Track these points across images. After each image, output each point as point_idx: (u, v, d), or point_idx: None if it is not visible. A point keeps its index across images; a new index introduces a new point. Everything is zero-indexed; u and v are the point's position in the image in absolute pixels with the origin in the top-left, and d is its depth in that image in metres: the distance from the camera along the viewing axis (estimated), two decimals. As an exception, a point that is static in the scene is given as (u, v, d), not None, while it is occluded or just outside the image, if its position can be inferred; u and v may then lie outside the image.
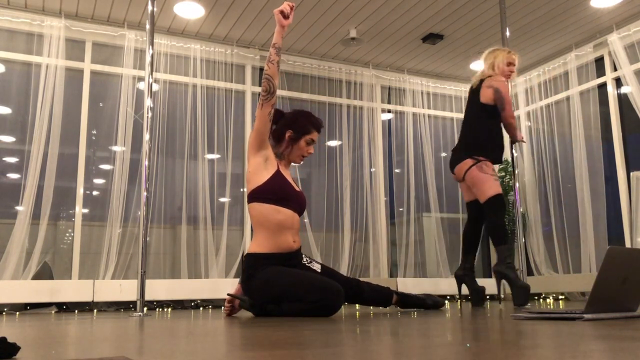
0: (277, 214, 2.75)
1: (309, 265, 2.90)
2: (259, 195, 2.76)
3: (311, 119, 2.95)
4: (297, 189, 2.89)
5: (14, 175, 4.93)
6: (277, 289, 2.61)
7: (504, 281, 3.54)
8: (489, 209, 3.53)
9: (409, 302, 3.15)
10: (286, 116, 2.98)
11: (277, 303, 2.63)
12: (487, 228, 3.62)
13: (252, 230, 5.51)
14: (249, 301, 2.86)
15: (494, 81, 3.64)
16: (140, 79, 5.31)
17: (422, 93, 6.55)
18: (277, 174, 2.79)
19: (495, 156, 3.67)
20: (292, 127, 2.91)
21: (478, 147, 3.62)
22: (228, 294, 3.02)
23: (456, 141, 3.88)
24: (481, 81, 3.72)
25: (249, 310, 2.95)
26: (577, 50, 5.85)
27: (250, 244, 2.85)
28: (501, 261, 3.48)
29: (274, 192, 2.75)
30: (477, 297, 3.68)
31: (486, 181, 3.52)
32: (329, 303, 2.56)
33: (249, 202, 2.82)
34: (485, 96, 3.66)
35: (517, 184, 4.14)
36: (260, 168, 2.77)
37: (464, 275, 3.75)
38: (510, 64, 3.74)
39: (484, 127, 3.67)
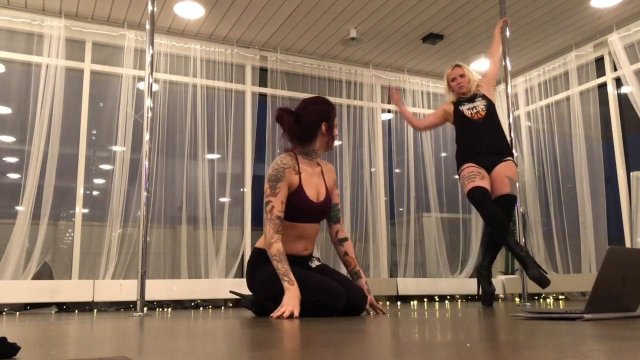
0: (293, 229, 2.72)
1: (309, 264, 2.88)
2: None
3: (330, 103, 2.89)
4: (318, 200, 2.79)
5: (14, 175, 4.93)
6: (278, 287, 2.59)
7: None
8: None
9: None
10: (307, 112, 2.81)
11: (277, 302, 2.61)
12: None
13: (252, 229, 5.54)
14: (250, 299, 2.86)
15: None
16: (140, 79, 5.31)
17: (422, 93, 6.56)
18: (297, 192, 2.72)
19: (463, 157, 3.82)
20: (324, 119, 2.81)
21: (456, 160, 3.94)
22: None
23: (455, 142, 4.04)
24: None
25: (249, 309, 2.96)
26: (577, 50, 5.85)
27: (260, 238, 2.83)
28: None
29: (292, 210, 2.70)
30: (486, 297, 3.71)
31: (463, 186, 3.78)
32: (329, 304, 2.56)
33: None
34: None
35: (517, 184, 4.14)
36: None
37: (479, 274, 3.78)
38: (453, 79, 3.93)
39: (458, 142, 3.94)
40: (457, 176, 4.09)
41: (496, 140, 3.79)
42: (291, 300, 2.46)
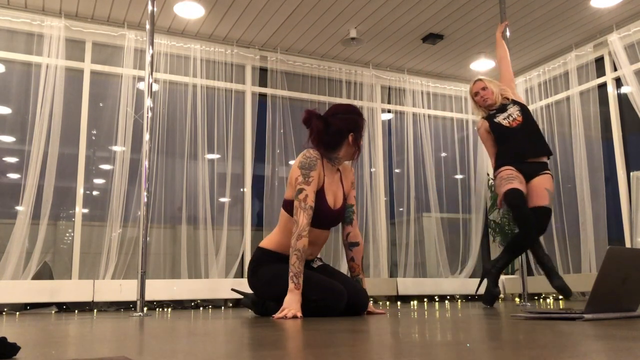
0: None
1: (312, 264, 2.88)
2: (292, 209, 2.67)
3: (360, 113, 2.81)
4: (335, 207, 2.74)
5: (14, 175, 4.93)
6: (282, 287, 2.58)
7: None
8: None
9: None
10: (336, 119, 2.73)
11: (280, 302, 2.61)
12: None
13: (252, 229, 5.54)
14: (251, 297, 2.86)
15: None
16: (140, 79, 5.31)
17: (422, 93, 6.55)
18: (318, 194, 2.66)
19: (503, 162, 3.78)
20: (352, 129, 2.73)
21: (494, 165, 3.90)
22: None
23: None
24: None
25: (250, 308, 2.96)
26: (577, 50, 5.85)
27: (265, 238, 2.83)
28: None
29: None
30: (489, 297, 3.71)
31: (498, 186, 3.76)
32: (330, 304, 2.56)
33: (283, 206, 2.74)
34: None
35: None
36: None
37: (487, 274, 3.77)
38: (476, 94, 3.90)
39: (498, 149, 3.87)
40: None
41: (535, 145, 3.77)
42: (293, 303, 2.46)
